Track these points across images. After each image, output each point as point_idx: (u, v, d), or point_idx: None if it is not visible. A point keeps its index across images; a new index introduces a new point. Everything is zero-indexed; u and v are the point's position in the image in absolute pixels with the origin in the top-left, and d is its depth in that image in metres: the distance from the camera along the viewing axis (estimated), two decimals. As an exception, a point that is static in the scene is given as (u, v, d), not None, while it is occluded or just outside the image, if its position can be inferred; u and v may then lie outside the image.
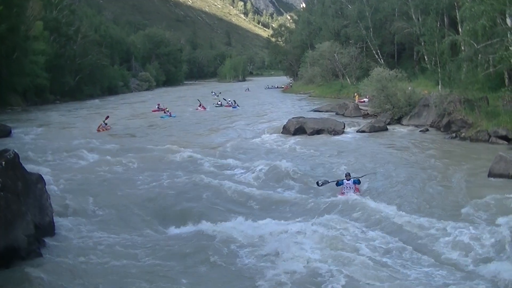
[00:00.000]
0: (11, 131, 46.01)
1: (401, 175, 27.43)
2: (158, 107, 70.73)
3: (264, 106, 76.87)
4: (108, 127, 49.32)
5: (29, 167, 20.69)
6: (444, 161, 30.54)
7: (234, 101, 77.46)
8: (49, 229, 17.67)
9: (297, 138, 41.85)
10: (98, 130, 47.73)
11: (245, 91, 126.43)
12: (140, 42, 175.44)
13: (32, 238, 15.90)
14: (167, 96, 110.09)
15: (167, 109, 65.13)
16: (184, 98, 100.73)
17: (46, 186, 18.73)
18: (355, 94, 73.20)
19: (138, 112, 68.66)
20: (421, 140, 39.05)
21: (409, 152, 34.02)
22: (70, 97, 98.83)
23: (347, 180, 23.57)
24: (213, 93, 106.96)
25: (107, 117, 51.18)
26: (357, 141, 40.14)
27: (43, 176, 18.87)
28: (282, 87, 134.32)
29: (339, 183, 23.79)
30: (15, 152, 16.96)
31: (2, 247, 15.01)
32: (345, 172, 24.54)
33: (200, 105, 72.70)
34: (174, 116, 61.48)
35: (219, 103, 79.60)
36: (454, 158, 31.48)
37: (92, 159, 33.14)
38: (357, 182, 23.85)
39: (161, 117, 61.01)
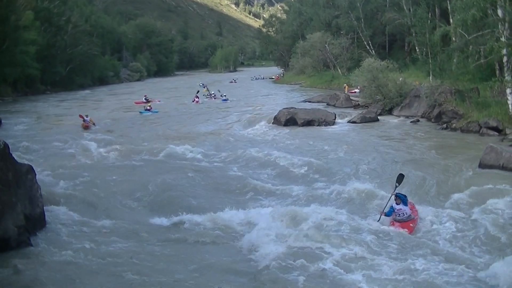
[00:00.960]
0: (1, 122, 45.81)
1: (391, 165, 27.49)
2: (145, 99, 67.39)
3: (254, 97, 76.53)
4: (89, 124, 43.66)
5: (20, 157, 20.65)
6: (435, 151, 30.59)
7: (224, 94, 72.99)
8: (39, 220, 17.61)
9: (288, 128, 41.86)
10: (85, 127, 43.02)
11: (230, 82, 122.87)
12: (131, 32, 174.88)
13: (22, 229, 15.87)
14: (156, 87, 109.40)
15: (149, 104, 58.58)
16: (172, 89, 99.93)
17: (37, 177, 18.67)
18: (345, 85, 73.30)
19: (125, 104, 67.24)
20: (412, 131, 39.08)
21: (399, 143, 34.09)
22: (61, 87, 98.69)
23: (397, 204, 18.17)
24: (201, 84, 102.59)
25: (85, 116, 44.66)
26: (348, 132, 40.18)
27: (33, 167, 18.79)
28: (272, 78, 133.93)
29: (388, 213, 18.07)
30: (5, 142, 16.88)
31: (-8, 238, 15.01)
32: (394, 193, 18.56)
33: (197, 97, 69.46)
34: (156, 112, 54.93)
35: (212, 93, 77.27)
36: (445, 148, 31.54)
37: (82, 150, 33.03)
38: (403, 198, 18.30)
39: (140, 112, 54.92)
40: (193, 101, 68.46)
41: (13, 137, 37.30)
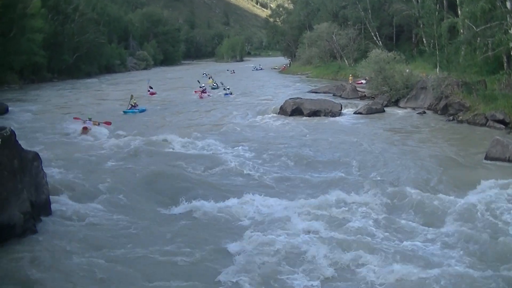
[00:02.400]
0: (7, 109, 45.92)
1: (396, 156, 27.49)
2: (149, 88, 64.70)
3: (260, 88, 76.08)
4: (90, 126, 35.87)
5: (26, 144, 20.66)
6: (441, 143, 30.61)
7: (228, 87, 66.27)
8: (45, 207, 17.66)
9: (294, 119, 41.85)
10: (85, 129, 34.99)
11: (231, 73, 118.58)
12: (138, 20, 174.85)
13: (28, 216, 15.91)
14: (160, 76, 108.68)
15: (134, 100, 47.71)
16: (175, 79, 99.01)
17: (43, 164, 18.69)
18: (350, 75, 73.20)
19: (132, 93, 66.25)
20: (418, 123, 39.05)
21: (405, 134, 34.10)
22: (68, 75, 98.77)
23: None
24: (205, 74, 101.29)
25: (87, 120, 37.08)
26: (354, 123, 40.16)
27: (39, 154, 18.82)
28: (276, 68, 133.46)
29: None
30: (12, 129, 16.91)
31: (-2, 224, 15.06)
32: None
33: (203, 91, 63.47)
34: (143, 110, 47.22)
35: (215, 84, 75.11)
36: (451, 141, 31.51)
37: (89, 138, 33.13)
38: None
39: (124, 112, 46.16)
40: (195, 92, 63.74)
41: (20, 124, 37.46)
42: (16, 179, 16.15)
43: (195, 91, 64.25)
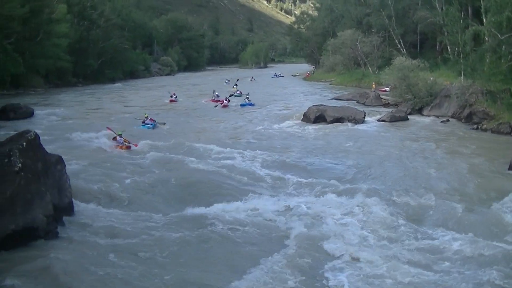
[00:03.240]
0: (33, 112, 46.42)
1: (420, 165, 27.39)
2: (174, 95, 62.80)
3: (283, 95, 75.85)
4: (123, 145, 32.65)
5: (50, 148, 20.84)
6: (464, 152, 30.45)
7: (247, 95, 62.44)
8: (68, 210, 17.86)
9: (317, 126, 41.84)
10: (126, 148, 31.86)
11: (250, 80, 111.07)
12: (162, 26, 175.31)
13: (50, 218, 16.09)
14: (182, 83, 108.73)
15: (146, 115, 42.57)
16: (199, 86, 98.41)
17: (66, 168, 18.86)
18: (373, 83, 73.04)
19: (154, 100, 65.79)
20: (442, 131, 38.90)
21: (429, 143, 33.87)
22: (92, 80, 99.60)
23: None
24: (227, 81, 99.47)
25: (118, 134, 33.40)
26: (377, 131, 40.05)
27: (63, 157, 18.98)
28: (296, 75, 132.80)
29: None
30: (36, 133, 17.12)
31: (21, 226, 15.28)
32: None
33: (226, 99, 58.53)
34: (152, 126, 40.83)
35: (238, 92, 71.05)
36: (474, 149, 31.31)
37: (112, 142, 33.30)
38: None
39: (137, 127, 40.37)
40: (213, 102, 59.20)
41: (44, 127, 37.76)
42: (39, 181, 16.34)
43: (206, 100, 62.60)
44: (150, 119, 41.44)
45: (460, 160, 28.45)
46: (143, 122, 41.05)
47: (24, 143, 16.56)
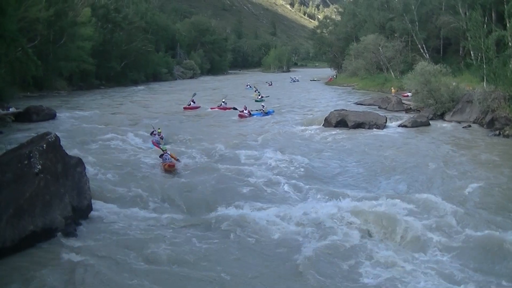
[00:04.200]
0: (55, 115, 46.80)
1: (444, 172, 27.12)
2: (191, 102, 59.02)
3: (306, 98, 75.94)
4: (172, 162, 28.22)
5: (70, 150, 20.99)
6: (488, 159, 30.15)
7: (262, 103, 58.04)
8: (86, 212, 18.00)
9: (338, 130, 41.69)
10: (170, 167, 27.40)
11: (269, 85, 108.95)
12: (186, 29, 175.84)
13: (69, 220, 16.29)
14: (205, 86, 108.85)
15: (158, 130, 35.80)
16: (221, 89, 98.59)
17: (86, 170, 18.99)
18: (392, 88, 73.05)
19: (177, 104, 64.39)
20: (464, 137, 38.61)
21: (451, 149, 33.61)
22: (115, 82, 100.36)
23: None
24: (248, 86, 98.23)
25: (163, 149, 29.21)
26: (399, 136, 39.82)
27: (83, 160, 19.12)
28: (314, 80, 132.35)
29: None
30: (56, 135, 17.29)
31: (40, 227, 15.47)
32: None
33: (245, 108, 52.39)
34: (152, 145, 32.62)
35: (260, 97, 70.02)
36: (497, 156, 31.00)
37: (134, 145, 33.51)
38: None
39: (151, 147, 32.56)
40: (221, 110, 55.71)
41: (66, 130, 38.01)
42: (59, 183, 16.52)
43: (212, 108, 57.94)
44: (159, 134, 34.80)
45: (481, 166, 28.19)
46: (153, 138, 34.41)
47: (44, 145, 16.74)
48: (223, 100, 60.72)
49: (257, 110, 53.22)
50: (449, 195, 22.19)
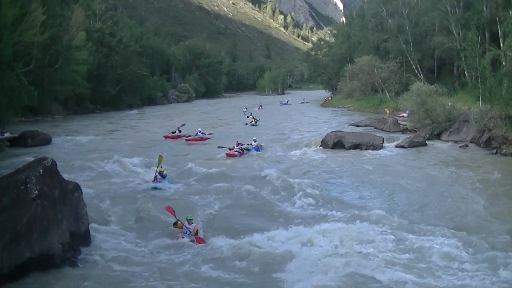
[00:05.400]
0: (51, 139, 46.65)
1: (441, 193, 27.02)
2: (177, 130, 53.09)
3: (301, 121, 75.88)
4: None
5: (67, 175, 20.85)
6: (486, 178, 30.10)
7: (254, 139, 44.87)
8: (84, 238, 17.80)
9: (335, 152, 41.65)
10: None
11: (258, 109, 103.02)
12: (181, 53, 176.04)
13: (67, 246, 16.07)
14: (199, 110, 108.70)
15: (161, 166, 29.84)
16: (214, 113, 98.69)
17: (83, 195, 18.85)
18: (386, 109, 73.30)
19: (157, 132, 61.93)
20: (461, 156, 38.61)
21: (448, 169, 33.50)
22: (110, 106, 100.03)
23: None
24: (245, 110, 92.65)
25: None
26: (396, 156, 39.81)
27: (80, 185, 18.98)
28: (303, 102, 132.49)
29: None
30: (53, 160, 17.14)
31: (37, 253, 15.24)
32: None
33: (236, 145, 41.61)
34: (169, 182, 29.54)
35: (255, 121, 67.60)
36: (494, 174, 30.98)
37: (131, 170, 33.35)
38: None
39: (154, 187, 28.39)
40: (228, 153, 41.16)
41: (62, 154, 37.79)
42: (56, 209, 16.33)
43: (187, 139, 50.64)
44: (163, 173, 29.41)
45: (479, 185, 28.16)
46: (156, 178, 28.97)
47: (41, 170, 16.58)
48: (199, 129, 53.05)
49: (250, 145, 43.67)
50: (443, 216, 22.60)
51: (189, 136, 51.62)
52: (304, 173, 32.89)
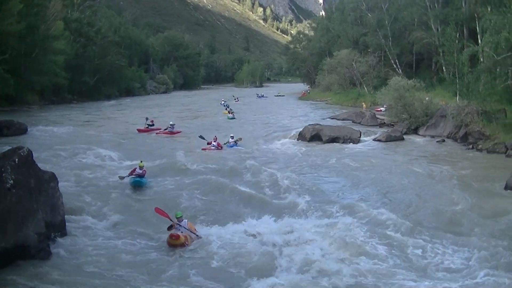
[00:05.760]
0: (27, 129, 46.12)
1: (415, 185, 27.19)
2: (149, 124, 50.40)
3: (279, 113, 75.88)
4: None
5: (43, 165, 20.68)
6: (461, 172, 30.28)
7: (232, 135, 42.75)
8: (60, 228, 17.65)
9: (313, 145, 41.76)
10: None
11: (235, 101, 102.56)
12: (159, 44, 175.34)
13: (42, 236, 15.91)
14: (177, 101, 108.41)
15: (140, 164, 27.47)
16: (192, 104, 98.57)
17: (59, 185, 18.70)
18: (363, 103, 73.57)
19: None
20: (438, 151, 38.83)
21: (425, 163, 33.68)
22: (88, 97, 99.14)
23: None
24: (223, 103, 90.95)
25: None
26: (373, 150, 39.96)
27: (56, 174, 18.82)
28: (278, 95, 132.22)
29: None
30: (29, 149, 16.97)
31: (12, 244, 15.05)
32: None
33: (214, 141, 39.94)
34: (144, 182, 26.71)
35: (231, 114, 66.45)
36: (470, 169, 31.21)
37: (106, 160, 33.20)
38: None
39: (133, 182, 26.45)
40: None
41: (38, 144, 37.38)
42: (32, 198, 16.16)
43: (139, 129, 49.45)
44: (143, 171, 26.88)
45: (456, 180, 28.30)
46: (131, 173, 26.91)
47: (17, 160, 16.39)
48: (151, 121, 51.05)
49: (228, 142, 41.48)
50: (415, 207, 22.97)
51: (161, 129, 49.95)
52: (281, 165, 32.89)
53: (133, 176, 26.21)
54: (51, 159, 31.93)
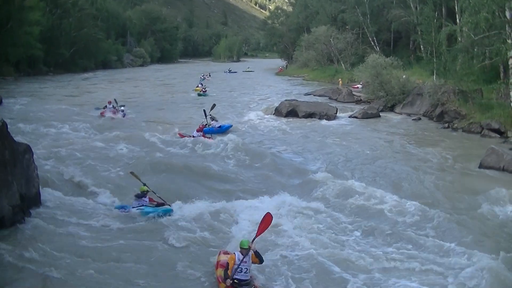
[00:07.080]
0: (1, 101, 45.72)
1: (390, 162, 27.38)
2: (110, 106, 42.15)
3: (255, 89, 76.47)
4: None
5: (18, 137, 20.53)
6: (435, 150, 30.48)
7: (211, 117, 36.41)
8: (35, 201, 17.60)
9: (289, 120, 41.85)
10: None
11: (207, 77, 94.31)
12: (137, 17, 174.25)
13: (17, 208, 15.83)
14: (153, 75, 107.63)
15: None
16: (169, 79, 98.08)
17: (34, 157, 18.56)
18: (339, 79, 73.55)
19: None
20: (413, 129, 39.07)
21: (400, 140, 33.96)
22: (64, 69, 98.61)
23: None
24: (202, 76, 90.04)
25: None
26: (349, 127, 40.12)
27: (31, 146, 18.68)
28: (247, 71, 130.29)
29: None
30: (3, 120, 16.78)
31: (-14, 216, 14.94)
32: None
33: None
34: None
35: (203, 91, 63.19)
36: (445, 147, 31.45)
37: (81, 131, 33.11)
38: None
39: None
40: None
41: (13, 116, 37.21)
42: (6, 171, 16.00)
43: (102, 113, 41.56)
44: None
45: (430, 158, 28.53)
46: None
47: (-10, 131, 16.24)
48: (111, 104, 42.79)
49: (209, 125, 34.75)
50: (388, 184, 23.10)
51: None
52: (258, 140, 32.97)
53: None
54: (26, 130, 31.81)
